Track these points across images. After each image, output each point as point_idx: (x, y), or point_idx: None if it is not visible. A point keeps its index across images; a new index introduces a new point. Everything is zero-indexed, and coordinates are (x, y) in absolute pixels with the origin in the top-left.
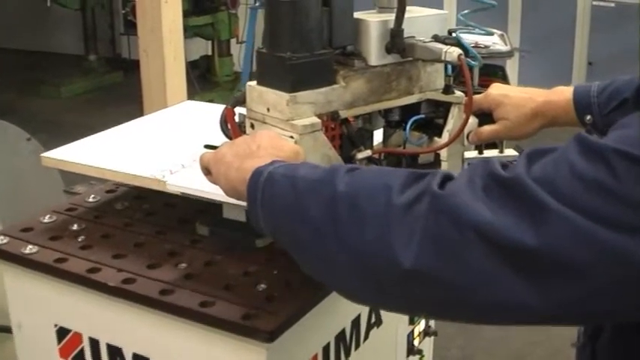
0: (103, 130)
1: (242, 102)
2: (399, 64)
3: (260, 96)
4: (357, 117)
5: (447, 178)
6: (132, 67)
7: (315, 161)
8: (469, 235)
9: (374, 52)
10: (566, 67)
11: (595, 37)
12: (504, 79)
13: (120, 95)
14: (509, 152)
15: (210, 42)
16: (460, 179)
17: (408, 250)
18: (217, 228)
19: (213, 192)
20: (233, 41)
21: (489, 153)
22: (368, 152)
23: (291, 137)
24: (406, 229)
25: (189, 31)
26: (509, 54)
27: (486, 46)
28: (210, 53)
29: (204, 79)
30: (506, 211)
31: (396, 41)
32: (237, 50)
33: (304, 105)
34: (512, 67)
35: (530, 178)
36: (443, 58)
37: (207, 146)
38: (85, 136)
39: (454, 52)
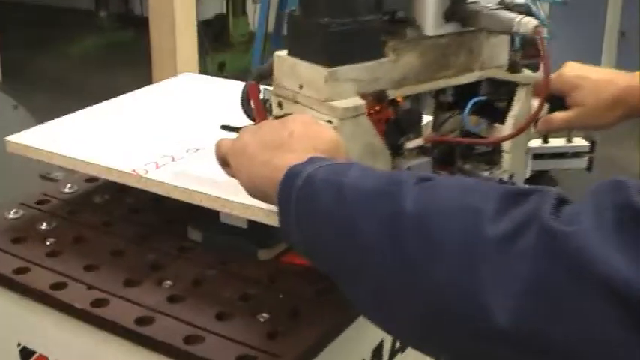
0: (111, 92)
1: (267, 75)
2: (458, 34)
3: (291, 69)
4: (405, 98)
5: (561, 201)
6: (144, 24)
7: (357, 151)
8: (596, 291)
9: (430, 20)
10: (597, 36)
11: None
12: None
13: (131, 54)
14: (579, 142)
15: (224, 0)
16: (582, 208)
17: (505, 299)
18: (212, 234)
19: (207, 195)
20: (249, 1)
21: (555, 142)
22: (419, 141)
23: (329, 122)
24: (505, 270)
25: None
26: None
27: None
28: (224, 12)
29: (217, 40)
30: None
31: (457, 7)
32: (252, 10)
33: (346, 82)
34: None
35: None
36: (515, 29)
37: (224, 127)
38: (93, 97)
39: (529, 23)
